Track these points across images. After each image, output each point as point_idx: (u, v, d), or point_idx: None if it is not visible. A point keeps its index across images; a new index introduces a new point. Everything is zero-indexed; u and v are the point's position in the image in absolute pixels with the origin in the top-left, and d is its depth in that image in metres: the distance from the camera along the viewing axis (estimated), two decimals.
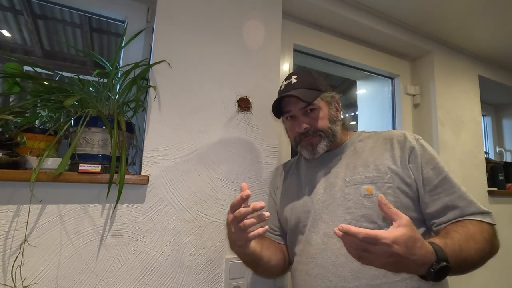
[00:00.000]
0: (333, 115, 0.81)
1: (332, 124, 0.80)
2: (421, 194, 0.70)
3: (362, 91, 1.88)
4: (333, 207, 0.74)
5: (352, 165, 0.77)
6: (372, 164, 0.74)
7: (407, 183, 0.70)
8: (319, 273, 0.70)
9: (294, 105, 0.79)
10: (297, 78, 0.80)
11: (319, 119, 0.78)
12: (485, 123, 2.46)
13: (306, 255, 0.74)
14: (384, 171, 0.71)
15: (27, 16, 1.42)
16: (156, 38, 0.93)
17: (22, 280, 0.70)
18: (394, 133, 0.78)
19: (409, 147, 0.73)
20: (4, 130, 0.78)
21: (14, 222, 0.71)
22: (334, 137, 0.80)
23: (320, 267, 0.70)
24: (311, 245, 0.74)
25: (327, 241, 0.71)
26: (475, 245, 0.60)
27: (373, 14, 1.43)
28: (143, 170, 0.86)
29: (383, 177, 0.71)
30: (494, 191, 1.78)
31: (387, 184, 0.70)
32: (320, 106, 0.79)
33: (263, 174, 1.04)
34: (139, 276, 0.83)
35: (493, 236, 0.65)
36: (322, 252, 0.71)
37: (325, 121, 0.79)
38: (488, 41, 1.70)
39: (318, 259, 0.71)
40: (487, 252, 0.62)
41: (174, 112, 0.93)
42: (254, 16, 1.10)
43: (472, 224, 0.65)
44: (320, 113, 0.79)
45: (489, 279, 1.66)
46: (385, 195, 0.68)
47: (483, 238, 0.62)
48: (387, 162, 0.73)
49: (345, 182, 0.75)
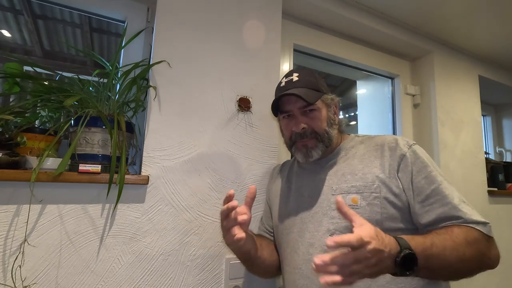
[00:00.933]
0: (331, 118, 0.79)
1: (329, 127, 0.77)
2: (412, 204, 0.66)
3: (362, 91, 1.88)
4: (318, 216, 0.72)
5: (341, 172, 0.74)
6: (360, 172, 0.71)
7: (395, 193, 0.67)
8: (305, 284, 0.68)
9: (294, 104, 0.76)
10: (298, 76, 0.77)
11: (318, 120, 0.76)
12: (485, 123, 2.46)
13: (293, 265, 0.73)
14: (372, 180, 0.68)
15: (27, 16, 1.42)
16: (156, 38, 0.93)
17: (22, 280, 0.70)
18: (386, 139, 0.74)
19: (399, 155, 0.69)
20: (4, 130, 0.78)
21: (14, 222, 0.71)
22: (329, 142, 0.77)
23: (305, 278, 0.69)
24: (298, 254, 0.72)
25: (312, 252, 0.69)
26: (453, 245, 0.56)
27: (373, 14, 1.43)
28: (143, 170, 0.86)
29: (370, 187, 0.68)
30: (494, 191, 1.78)
31: (374, 194, 0.67)
32: (320, 108, 0.77)
33: (263, 174, 1.04)
34: (139, 276, 0.83)
35: (484, 245, 0.60)
36: (307, 262, 0.69)
37: (323, 124, 0.76)
38: (488, 41, 1.70)
39: (304, 270, 0.70)
40: (467, 257, 0.57)
41: (174, 112, 0.93)
42: (254, 16, 1.10)
43: (460, 228, 0.60)
44: (319, 115, 0.76)
45: (489, 280, 1.66)
46: (372, 205, 0.66)
47: (465, 241, 0.58)
48: (376, 170, 0.70)
49: (331, 191, 0.73)
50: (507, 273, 1.74)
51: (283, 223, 0.80)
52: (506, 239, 1.76)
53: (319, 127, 0.76)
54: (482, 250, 0.60)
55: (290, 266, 0.75)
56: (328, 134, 0.77)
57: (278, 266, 0.84)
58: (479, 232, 0.61)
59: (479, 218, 0.63)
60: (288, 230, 0.78)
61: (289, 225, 0.77)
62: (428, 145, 1.63)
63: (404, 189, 0.67)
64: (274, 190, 0.91)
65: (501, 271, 1.70)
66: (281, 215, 0.82)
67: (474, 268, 0.60)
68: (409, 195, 0.67)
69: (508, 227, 1.79)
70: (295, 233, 0.75)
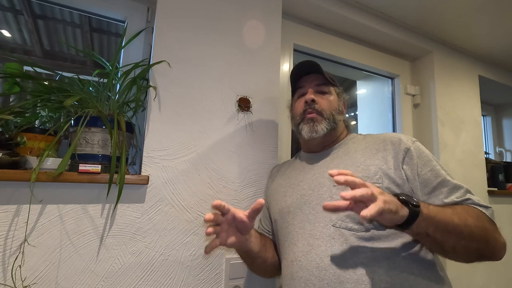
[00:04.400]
0: (340, 107, 0.85)
1: (336, 113, 0.83)
2: (418, 196, 0.68)
3: (362, 91, 1.88)
4: (319, 208, 0.72)
5: (343, 165, 0.75)
6: (362, 164, 0.72)
7: (398, 184, 0.68)
8: (303, 276, 0.67)
9: (310, 82, 0.84)
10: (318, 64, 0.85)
11: (328, 102, 0.82)
12: (485, 123, 2.46)
13: (292, 257, 0.72)
14: (374, 172, 0.69)
15: (27, 16, 1.42)
16: (156, 38, 0.93)
17: (22, 280, 0.70)
18: (389, 135, 0.77)
19: (404, 149, 0.71)
20: (4, 130, 0.78)
21: (14, 222, 0.71)
22: (334, 124, 0.82)
23: (304, 270, 0.67)
24: (297, 246, 0.72)
25: (312, 243, 0.69)
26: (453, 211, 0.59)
27: (373, 14, 1.43)
28: (143, 170, 0.86)
29: (372, 178, 0.68)
30: (494, 191, 1.78)
31: (376, 185, 0.66)
32: (332, 93, 0.84)
33: (263, 174, 1.04)
34: (139, 276, 0.83)
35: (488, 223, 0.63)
36: (306, 254, 0.68)
37: (332, 106, 0.82)
38: (488, 41, 1.70)
39: (303, 262, 0.68)
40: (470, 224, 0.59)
41: (174, 112, 0.93)
42: (254, 16, 1.10)
43: (463, 206, 0.64)
44: (329, 97, 0.83)
45: (489, 280, 1.66)
46: None
47: (466, 214, 0.60)
48: (378, 162, 0.71)
49: (333, 182, 0.73)
50: (507, 273, 1.75)
51: (283, 216, 0.80)
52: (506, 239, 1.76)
53: (327, 107, 0.82)
54: (486, 226, 0.62)
55: (288, 259, 0.74)
56: (334, 117, 0.82)
57: (278, 267, 0.84)
58: (483, 213, 0.64)
59: (485, 203, 0.66)
60: (287, 223, 0.77)
61: (290, 217, 0.77)
62: (428, 145, 1.63)
63: (409, 180, 0.69)
64: (273, 188, 0.91)
65: (501, 271, 1.71)
66: (281, 208, 0.81)
67: (479, 239, 0.60)
68: (414, 186, 0.69)
69: (508, 227, 1.79)
70: (295, 225, 0.75)
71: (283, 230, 0.79)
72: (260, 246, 0.77)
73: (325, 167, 0.79)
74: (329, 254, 0.65)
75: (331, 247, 0.65)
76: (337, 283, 0.62)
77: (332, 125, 0.81)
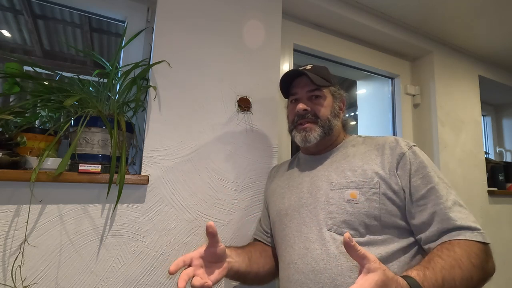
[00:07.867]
0: (336, 110, 0.82)
1: (332, 117, 0.80)
2: (408, 203, 0.67)
3: (362, 91, 1.88)
4: (316, 211, 0.72)
5: (341, 169, 0.75)
6: (360, 168, 0.71)
7: (394, 190, 0.67)
8: (299, 280, 0.67)
9: (302, 88, 0.81)
10: (312, 66, 0.83)
11: (321, 106, 0.79)
12: (485, 123, 2.46)
13: (288, 260, 0.72)
14: (371, 176, 0.69)
15: (27, 16, 1.42)
16: (156, 38, 0.93)
17: (22, 280, 0.70)
18: (387, 138, 0.76)
19: (399, 153, 0.70)
20: (4, 130, 0.78)
21: (14, 222, 0.71)
22: (330, 130, 0.79)
23: (300, 273, 0.68)
24: (294, 249, 0.72)
25: (308, 246, 0.68)
26: (461, 273, 0.56)
27: (373, 14, 1.43)
28: (143, 170, 0.86)
29: (369, 182, 0.68)
30: (494, 191, 1.78)
31: (373, 190, 0.67)
32: (326, 96, 0.81)
33: (263, 174, 1.04)
34: (139, 276, 0.83)
35: (484, 259, 0.60)
36: (303, 257, 0.68)
37: (327, 111, 0.79)
38: (488, 41, 1.70)
39: (299, 265, 0.68)
40: (475, 280, 0.57)
41: (174, 112, 0.93)
42: (254, 16, 1.10)
43: (460, 246, 0.59)
44: (323, 102, 0.80)
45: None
46: (370, 201, 0.66)
47: (470, 264, 0.57)
48: (375, 167, 0.70)
49: (330, 186, 0.73)
50: (507, 273, 1.75)
51: (281, 218, 0.79)
52: (506, 239, 1.77)
53: (321, 112, 0.79)
54: (484, 267, 0.59)
55: (285, 261, 0.74)
56: (330, 122, 0.79)
57: (274, 273, 0.83)
58: (477, 245, 0.60)
59: (471, 223, 0.62)
60: (285, 225, 0.77)
61: (287, 220, 0.77)
62: (428, 145, 1.63)
63: (402, 186, 0.68)
64: (272, 189, 0.90)
65: (501, 271, 1.71)
66: (279, 210, 0.81)
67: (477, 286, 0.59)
68: (406, 194, 0.67)
69: (508, 227, 1.79)
70: (292, 228, 0.75)
71: (281, 232, 0.78)
72: (247, 261, 0.75)
73: (323, 170, 0.78)
74: (324, 258, 0.65)
75: (327, 251, 0.65)
76: (332, 286, 0.62)
77: (326, 131, 0.79)
